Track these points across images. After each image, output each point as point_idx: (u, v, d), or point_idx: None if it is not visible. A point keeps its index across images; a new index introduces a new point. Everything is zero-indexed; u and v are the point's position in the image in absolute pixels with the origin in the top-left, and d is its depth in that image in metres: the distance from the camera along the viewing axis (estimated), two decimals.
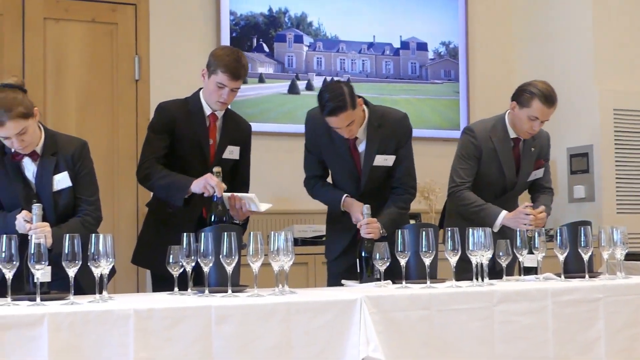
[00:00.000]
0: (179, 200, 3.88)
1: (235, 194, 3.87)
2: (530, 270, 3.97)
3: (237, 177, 4.14)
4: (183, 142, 4.03)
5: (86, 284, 3.22)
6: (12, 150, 3.55)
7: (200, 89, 4.10)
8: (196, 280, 3.39)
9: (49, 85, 5.27)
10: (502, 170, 4.47)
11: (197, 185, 3.81)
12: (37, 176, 3.60)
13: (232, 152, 4.10)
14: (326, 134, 4.06)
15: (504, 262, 3.78)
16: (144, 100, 5.48)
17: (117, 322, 2.72)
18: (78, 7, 5.37)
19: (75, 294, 2.96)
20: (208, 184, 3.77)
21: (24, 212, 3.38)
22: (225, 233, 3.12)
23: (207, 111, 4.06)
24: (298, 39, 6.20)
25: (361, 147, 4.10)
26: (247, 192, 4.14)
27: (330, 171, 4.28)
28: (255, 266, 3.12)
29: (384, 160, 4.12)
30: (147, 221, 4.22)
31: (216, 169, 3.81)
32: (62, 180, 3.62)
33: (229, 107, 4.21)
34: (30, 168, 3.61)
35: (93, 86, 5.36)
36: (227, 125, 4.10)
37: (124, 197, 5.40)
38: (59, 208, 3.60)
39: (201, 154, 4.00)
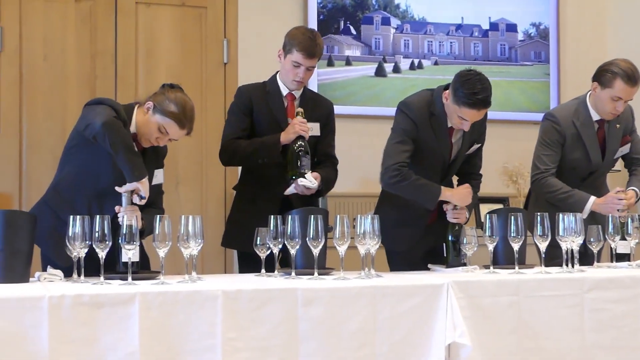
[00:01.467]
0: (277, 157, 4.00)
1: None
2: (622, 257, 3.89)
3: (318, 153, 4.17)
4: (262, 122, 4.13)
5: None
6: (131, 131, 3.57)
7: (278, 71, 4.16)
8: (282, 262, 3.41)
9: (140, 68, 5.35)
10: (588, 155, 4.37)
11: (287, 135, 3.99)
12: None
13: (311, 129, 4.11)
14: (428, 124, 3.95)
15: (595, 248, 3.71)
16: (232, 84, 5.51)
17: (206, 303, 2.77)
18: None
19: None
20: (295, 125, 3.98)
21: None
22: (312, 216, 3.14)
23: (284, 91, 4.13)
24: (385, 21, 6.15)
25: (454, 137, 4.03)
26: (333, 168, 4.17)
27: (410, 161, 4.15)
28: (342, 249, 3.12)
29: (474, 149, 4.09)
30: (234, 204, 4.29)
31: (299, 109, 4.04)
32: (158, 176, 3.68)
33: (309, 88, 4.23)
34: None
35: (182, 69, 5.41)
36: (306, 104, 4.14)
37: (212, 181, 5.46)
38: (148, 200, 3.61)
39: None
